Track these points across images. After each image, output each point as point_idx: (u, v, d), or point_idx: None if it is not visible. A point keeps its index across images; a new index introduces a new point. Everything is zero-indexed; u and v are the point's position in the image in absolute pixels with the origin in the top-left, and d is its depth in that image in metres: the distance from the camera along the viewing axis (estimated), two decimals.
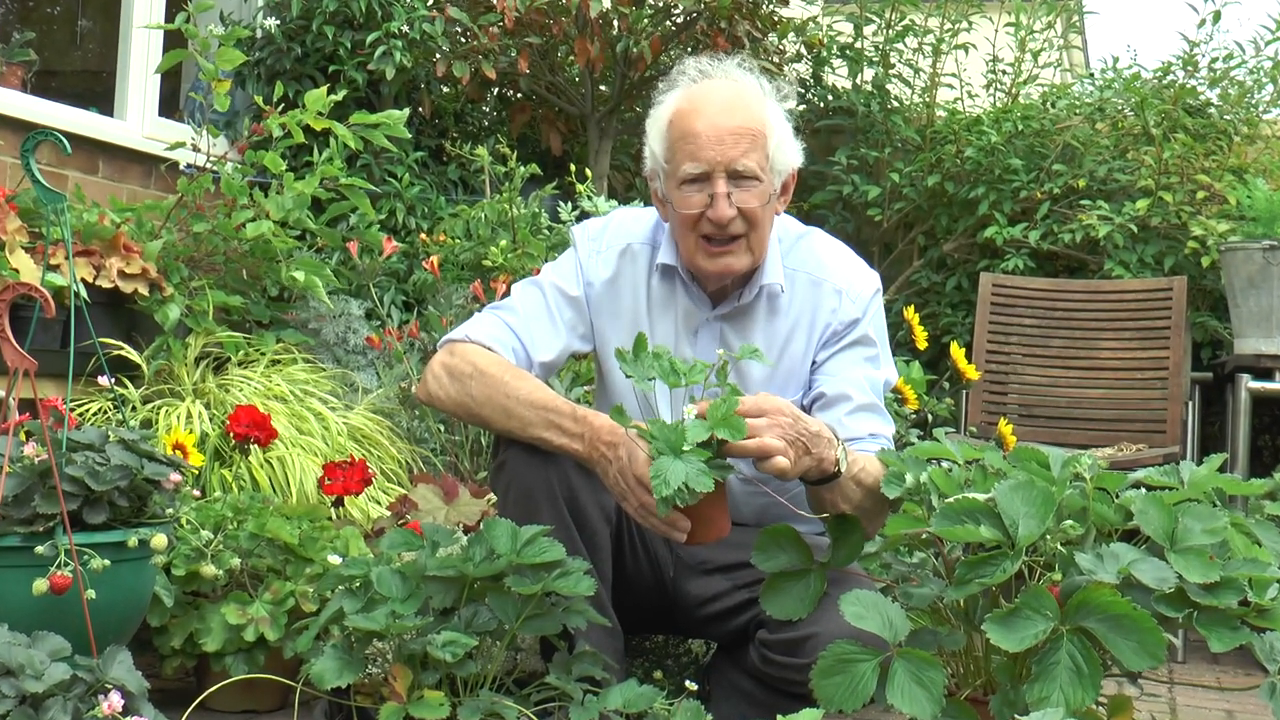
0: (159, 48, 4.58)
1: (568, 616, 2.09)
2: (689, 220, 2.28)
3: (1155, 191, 5.01)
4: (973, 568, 1.82)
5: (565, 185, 4.79)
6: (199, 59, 3.65)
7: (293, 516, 2.69)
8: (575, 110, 5.35)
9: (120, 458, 2.18)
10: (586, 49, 4.89)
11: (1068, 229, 5.10)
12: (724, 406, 1.96)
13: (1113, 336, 4.66)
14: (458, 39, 5.06)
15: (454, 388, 2.29)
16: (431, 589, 2.07)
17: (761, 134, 2.27)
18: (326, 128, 3.71)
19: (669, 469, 1.89)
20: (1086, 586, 1.76)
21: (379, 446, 3.56)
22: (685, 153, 2.26)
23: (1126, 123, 5.38)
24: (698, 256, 2.30)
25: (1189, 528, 1.86)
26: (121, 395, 3.34)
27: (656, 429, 1.94)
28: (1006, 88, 5.73)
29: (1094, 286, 4.82)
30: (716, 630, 2.43)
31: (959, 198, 5.45)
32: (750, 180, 2.25)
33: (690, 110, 2.29)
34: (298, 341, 3.87)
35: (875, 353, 2.40)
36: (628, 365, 2.04)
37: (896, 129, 5.60)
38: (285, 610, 2.55)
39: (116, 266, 3.38)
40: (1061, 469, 1.98)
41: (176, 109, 5.02)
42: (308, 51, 4.84)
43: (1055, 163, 5.32)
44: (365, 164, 4.75)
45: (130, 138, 4.40)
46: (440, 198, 4.97)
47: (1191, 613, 1.79)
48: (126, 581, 2.18)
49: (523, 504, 2.21)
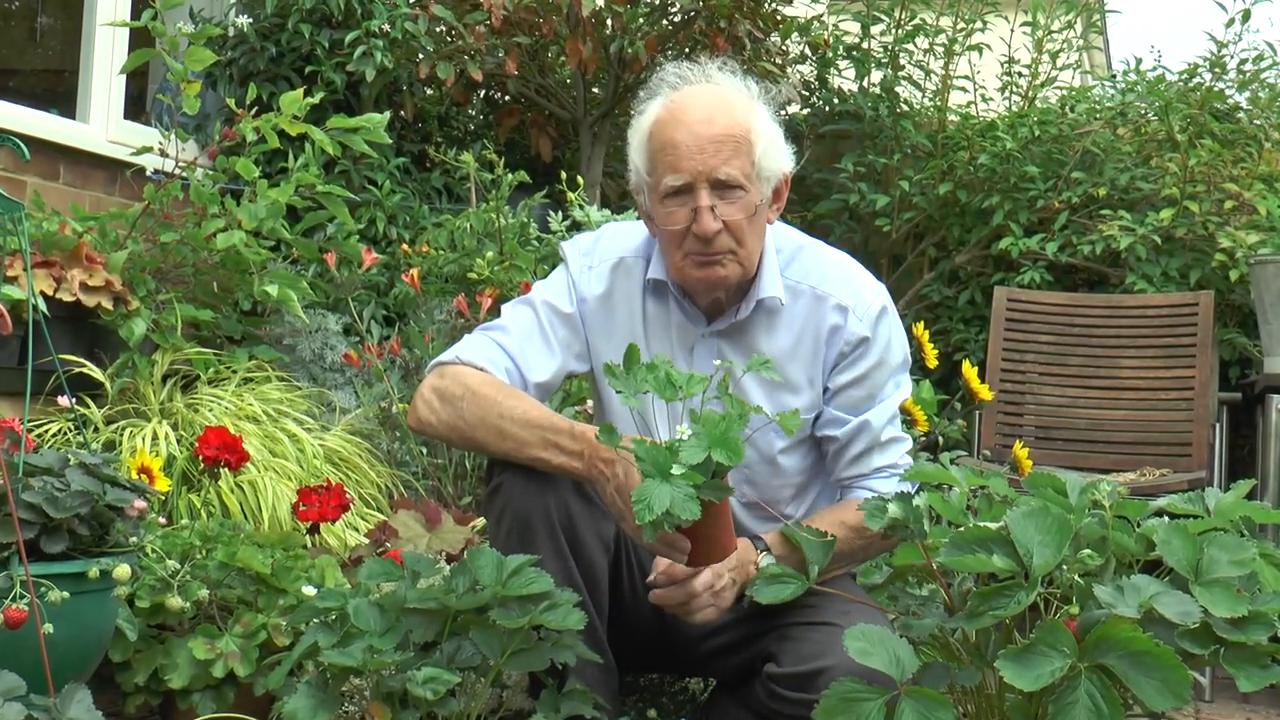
0: (124, 46, 4.59)
1: (556, 651, 2.08)
2: (675, 236, 2.29)
3: (1180, 201, 5.02)
4: (985, 599, 1.81)
5: (555, 193, 4.80)
6: (167, 59, 3.66)
7: (265, 545, 2.69)
8: (566, 114, 5.36)
9: (81, 483, 2.18)
10: (578, 49, 4.90)
11: (1087, 240, 5.11)
12: (723, 424, 1.95)
13: (1135, 355, 4.66)
14: (442, 39, 5.08)
15: (445, 411, 2.30)
16: (412, 622, 2.07)
17: (745, 140, 2.27)
18: (303, 132, 3.72)
19: (653, 494, 1.88)
20: (1106, 621, 1.76)
21: (357, 470, 3.56)
22: (665, 164, 2.27)
23: (1150, 128, 5.40)
24: (686, 269, 2.31)
25: (1215, 559, 1.86)
26: (83, 416, 3.33)
27: (642, 449, 1.94)
28: (1023, 91, 5.75)
29: (1115, 301, 4.83)
30: (719, 666, 2.43)
31: (972, 207, 5.47)
32: (735, 190, 2.26)
33: (669, 120, 2.29)
34: (271, 358, 3.87)
35: (888, 375, 2.41)
36: (618, 380, 2.04)
37: (906, 134, 5.62)
38: (256, 644, 2.54)
39: (78, 279, 3.38)
40: (1079, 495, 1.98)
41: (143, 111, 5.03)
42: (283, 51, 4.85)
43: (1074, 170, 5.33)
44: (344, 170, 4.76)
45: (93, 141, 4.40)
46: (423, 206, 4.98)
47: (1218, 649, 1.79)
48: (87, 615, 2.17)
49: (518, 531, 2.21)
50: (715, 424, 1.95)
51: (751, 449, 2.33)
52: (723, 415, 1.97)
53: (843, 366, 2.38)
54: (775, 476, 2.43)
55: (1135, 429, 4.55)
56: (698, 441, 1.93)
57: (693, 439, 1.94)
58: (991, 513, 1.94)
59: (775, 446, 2.40)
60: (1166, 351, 4.61)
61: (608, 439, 2.03)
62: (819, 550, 2.10)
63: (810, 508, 2.49)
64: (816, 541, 2.11)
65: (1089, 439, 4.61)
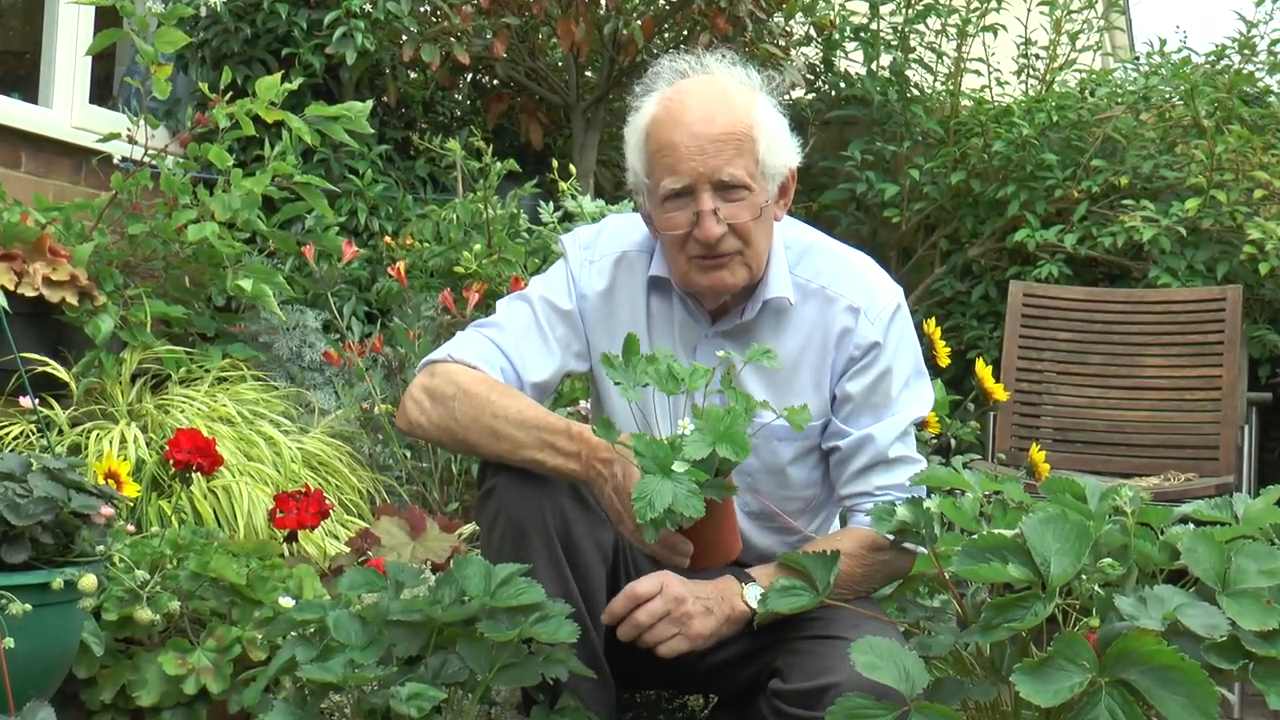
0: (90, 26, 4.59)
1: (548, 666, 2.08)
2: (676, 241, 2.29)
3: (1207, 190, 5.03)
4: (1000, 610, 1.81)
5: (546, 183, 4.80)
6: (136, 40, 3.65)
7: (240, 554, 2.68)
8: (558, 99, 5.36)
9: (44, 488, 2.17)
10: (570, 31, 4.91)
11: (1108, 232, 5.12)
12: (728, 418, 1.95)
13: (1159, 352, 4.67)
14: (427, 19, 5.08)
15: (436, 411, 2.30)
16: (395, 635, 2.06)
17: (748, 136, 2.26)
18: (280, 120, 3.71)
19: (654, 490, 1.88)
20: (1128, 634, 1.76)
21: (337, 474, 3.56)
22: (664, 166, 2.26)
23: (1175, 113, 5.41)
24: (690, 274, 2.31)
25: (1243, 568, 1.86)
26: (46, 417, 3.33)
27: (642, 444, 1.94)
28: (1040, 74, 5.76)
29: (1137, 296, 4.84)
30: (722, 681, 2.42)
31: (986, 197, 5.47)
32: (739, 190, 2.25)
33: (666, 119, 2.28)
34: (246, 357, 3.87)
35: (900, 384, 2.39)
36: (616, 372, 2.03)
37: (917, 120, 5.63)
38: (230, 659, 2.54)
39: (41, 273, 3.38)
40: (1099, 501, 1.98)
41: (110, 95, 5.03)
42: (258, 32, 4.85)
43: (1094, 158, 5.34)
44: (323, 159, 4.76)
45: (57, 127, 4.40)
46: (407, 197, 4.98)
47: (1247, 664, 1.79)
48: (50, 628, 2.17)
49: (512, 538, 2.21)
50: (719, 418, 1.95)
51: (757, 459, 2.33)
52: (727, 409, 1.97)
53: (852, 373, 2.37)
54: (783, 489, 2.42)
55: (1159, 431, 4.56)
56: (701, 436, 1.93)
57: (696, 433, 1.94)
58: (1006, 519, 1.94)
59: (783, 457, 2.39)
60: (1192, 349, 4.61)
61: (605, 434, 2.03)
62: (823, 567, 2.09)
63: (821, 526, 2.49)
64: (820, 558, 2.10)
65: (1109, 441, 4.62)
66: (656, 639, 2.16)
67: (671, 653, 2.16)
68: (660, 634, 2.16)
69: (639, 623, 2.15)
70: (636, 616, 2.16)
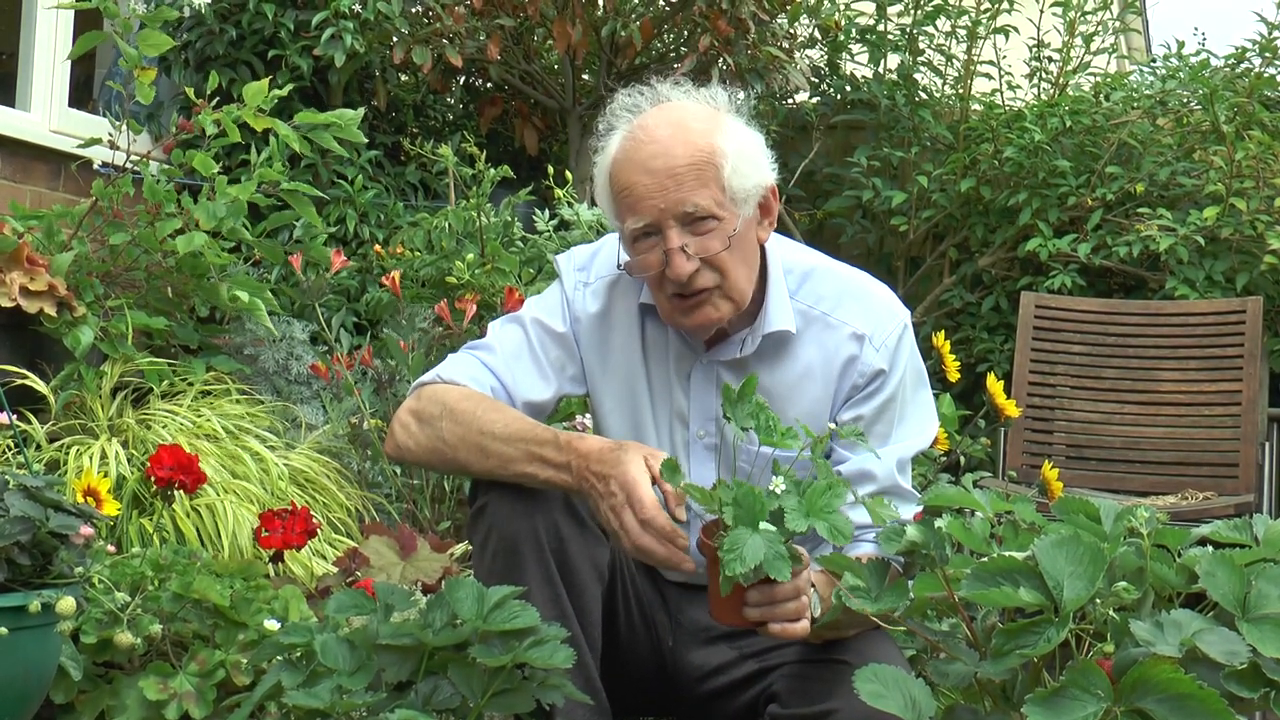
0: (69, 28, 4.59)
1: (542, 692, 2.08)
2: (653, 281, 2.29)
3: (1226, 198, 5.04)
4: (1011, 637, 1.81)
5: (542, 190, 4.80)
6: (119, 43, 3.66)
7: (224, 574, 2.68)
8: (553, 103, 5.37)
9: (21, 507, 2.17)
10: (567, 32, 4.92)
11: (1123, 241, 5.13)
12: (828, 494, 1.95)
13: (1176, 366, 4.67)
14: (418, 20, 5.09)
15: (423, 434, 2.30)
16: (384, 660, 2.07)
17: (709, 164, 2.24)
18: (268, 127, 3.71)
19: (746, 544, 1.89)
20: (1144, 661, 1.76)
21: (325, 492, 3.56)
22: (626, 207, 2.26)
23: (1193, 118, 5.41)
24: (674, 315, 2.31)
25: (1265, 593, 1.86)
26: (24, 433, 3.33)
27: (739, 495, 1.94)
28: (1053, 78, 5.77)
29: (1154, 308, 4.84)
30: (720, 706, 2.42)
31: (997, 205, 5.48)
32: (706, 221, 2.23)
33: (623, 159, 2.28)
34: (231, 370, 3.87)
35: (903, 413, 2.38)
36: (729, 406, 2.04)
37: (925, 125, 5.63)
38: (214, 684, 2.54)
39: (19, 283, 3.38)
40: (1114, 522, 1.98)
41: (90, 98, 5.04)
42: (244, 34, 4.86)
43: (1109, 164, 5.35)
44: (311, 165, 4.76)
45: (35, 132, 4.41)
46: (398, 204, 4.99)
47: (1268, 692, 1.79)
48: (26, 652, 2.17)
49: (504, 556, 2.21)
50: (818, 493, 1.95)
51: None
52: (826, 484, 1.97)
53: (854, 401, 2.37)
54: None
55: (1176, 448, 4.55)
56: (799, 508, 1.93)
57: (792, 500, 1.94)
58: (1018, 541, 1.94)
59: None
60: (1210, 363, 4.61)
61: (670, 477, 2.04)
62: (876, 575, 2.08)
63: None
64: (874, 564, 2.09)
65: (1125, 459, 4.62)
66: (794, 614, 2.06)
67: (797, 634, 2.05)
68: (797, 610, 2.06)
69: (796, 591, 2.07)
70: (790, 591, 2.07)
